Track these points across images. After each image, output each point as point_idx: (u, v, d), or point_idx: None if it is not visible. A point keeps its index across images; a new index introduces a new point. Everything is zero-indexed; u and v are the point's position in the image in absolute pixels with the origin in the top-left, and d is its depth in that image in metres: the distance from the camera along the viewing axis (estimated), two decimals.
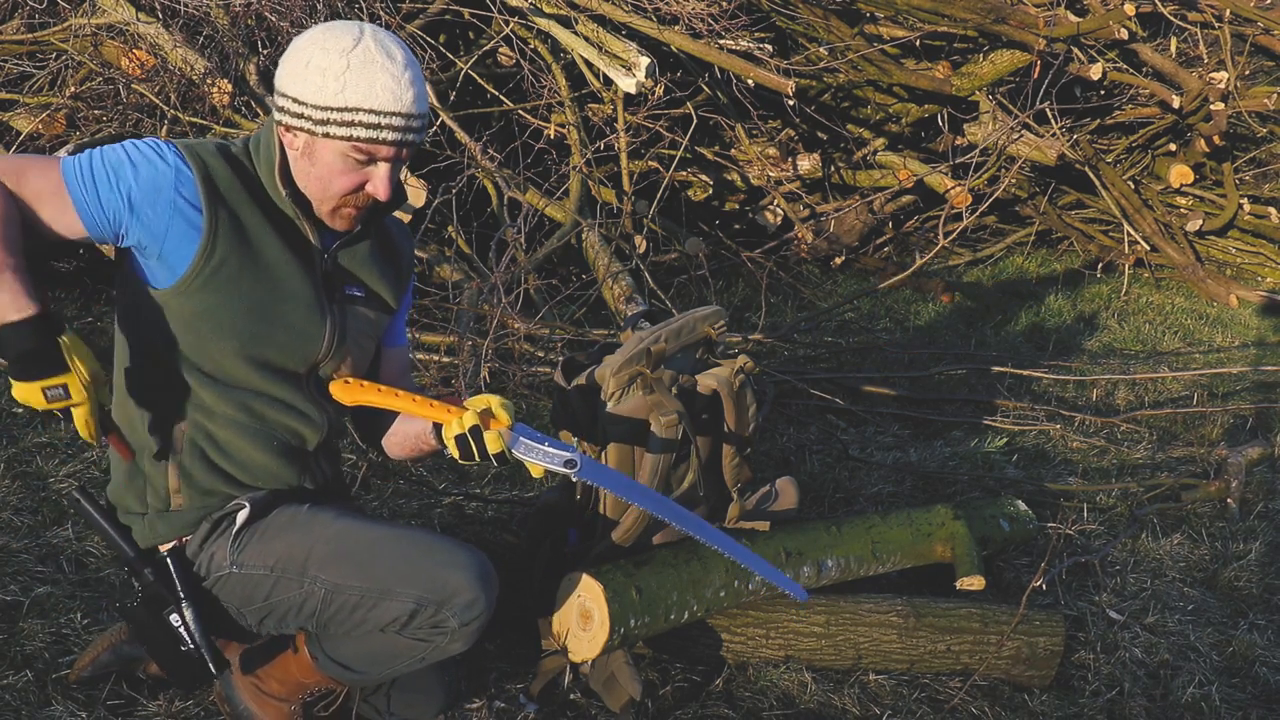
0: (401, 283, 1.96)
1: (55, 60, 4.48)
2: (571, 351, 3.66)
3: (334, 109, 1.64)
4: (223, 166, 1.72)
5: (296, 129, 1.68)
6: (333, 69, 1.63)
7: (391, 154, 1.68)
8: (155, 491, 1.81)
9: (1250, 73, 7.22)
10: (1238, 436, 4.09)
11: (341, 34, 1.65)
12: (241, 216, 1.72)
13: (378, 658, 1.80)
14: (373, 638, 1.77)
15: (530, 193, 4.53)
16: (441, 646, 1.75)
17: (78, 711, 1.98)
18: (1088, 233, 6.96)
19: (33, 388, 1.54)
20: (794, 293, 5.54)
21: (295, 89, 1.66)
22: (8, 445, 2.99)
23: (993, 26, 5.46)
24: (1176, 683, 2.52)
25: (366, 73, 1.62)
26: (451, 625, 1.71)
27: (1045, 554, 2.85)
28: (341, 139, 1.65)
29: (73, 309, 4.10)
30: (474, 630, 1.73)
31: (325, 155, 1.68)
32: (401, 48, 1.68)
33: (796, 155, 6.11)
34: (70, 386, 1.55)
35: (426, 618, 1.71)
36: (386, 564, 1.72)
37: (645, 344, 2.16)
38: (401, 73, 1.65)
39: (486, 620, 1.73)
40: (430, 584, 1.69)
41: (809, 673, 2.35)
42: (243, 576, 1.77)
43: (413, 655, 1.77)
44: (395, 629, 1.73)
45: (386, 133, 1.65)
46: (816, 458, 3.52)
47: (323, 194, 1.73)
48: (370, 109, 1.63)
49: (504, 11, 4.72)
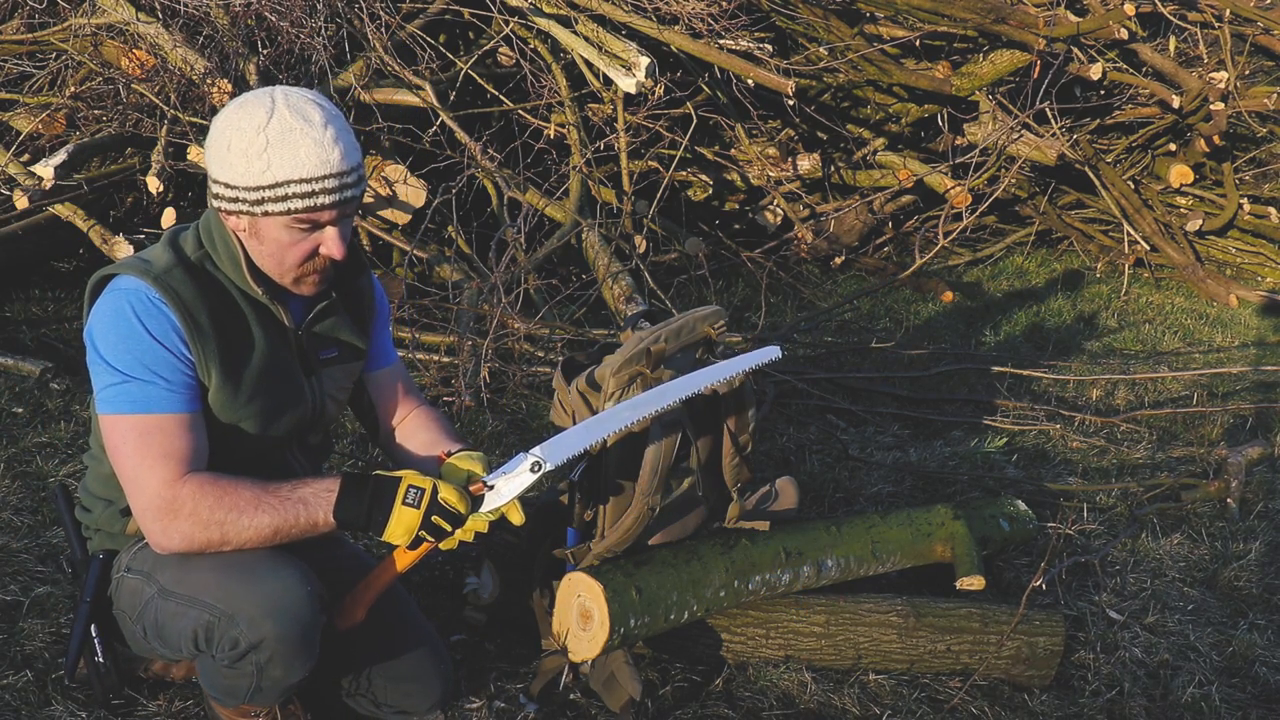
0: (368, 323, 1.98)
1: (55, 60, 4.48)
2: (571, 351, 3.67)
3: (265, 187, 1.63)
4: (190, 287, 1.70)
5: (236, 213, 1.68)
6: (253, 149, 1.62)
7: (334, 216, 1.68)
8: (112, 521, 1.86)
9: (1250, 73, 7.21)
10: (1238, 436, 4.09)
11: (254, 109, 1.64)
12: (222, 333, 1.72)
13: (224, 686, 1.78)
14: (206, 664, 1.75)
15: (530, 193, 4.53)
16: (260, 673, 1.70)
17: (78, 711, 1.98)
18: (1088, 233, 6.96)
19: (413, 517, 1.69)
20: (794, 293, 5.54)
21: (224, 175, 1.66)
22: (8, 445, 2.99)
23: (993, 26, 5.46)
24: (1176, 683, 2.52)
25: (287, 144, 1.62)
26: (242, 645, 1.66)
27: (1045, 554, 2.85)
28: (280, 214, 1.65)
29: (72, 309, 4.10)
30: (275, 655, 1.67)
31: (270, 232, 1.68)
32: (318, 105, 1.66)
33: (796, 155, 6.11)
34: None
35: (221, 634, 1.67)
36: (205, 573, 1.70)
37: (645, 344, 2.16)
38: (322, 134, 1.63)
39: (286, 646, 1.67)
40: (223, 596, 1.67)
41: (809, 673, 2.35)
42: (130, 581, 1.80)
43: (246, 685, 1.73)
44: (205, 647, 1.70)
45: (322, 197, 1.64)
46: (816, 458, 3.52)
47: (280, 268, 1.73)
48: (300, 179, 1.63)
49: (504, 11, 4.72)
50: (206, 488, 1.66)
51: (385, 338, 2.07)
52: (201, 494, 1.65)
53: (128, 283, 1.68)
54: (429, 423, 2.06)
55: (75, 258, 4.60)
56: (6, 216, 4.04)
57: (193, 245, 1.76)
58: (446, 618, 2.37)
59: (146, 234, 4.10)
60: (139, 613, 1.79)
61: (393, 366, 2.09)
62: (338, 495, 1.69)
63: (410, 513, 1.69)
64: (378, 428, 2.10)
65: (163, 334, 1.67)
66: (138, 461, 1.65)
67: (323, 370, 1.89)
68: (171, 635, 1.75)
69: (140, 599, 1.78)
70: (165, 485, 1.65)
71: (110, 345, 1.66)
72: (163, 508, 1.65)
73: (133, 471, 1.66)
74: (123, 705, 2.01)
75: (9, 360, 3.48)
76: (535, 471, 1.79)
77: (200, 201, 4.52)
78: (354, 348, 1.94)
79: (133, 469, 1.66)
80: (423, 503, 1.69)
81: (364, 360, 1.99)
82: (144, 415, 1.65)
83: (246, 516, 1.66)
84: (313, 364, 1.87)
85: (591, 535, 2.19)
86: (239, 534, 1.66)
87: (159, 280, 1.68)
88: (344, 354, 1.93)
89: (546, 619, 2.19)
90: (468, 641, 2.34)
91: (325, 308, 1.85)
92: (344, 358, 1.93)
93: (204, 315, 1.70)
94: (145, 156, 4.26)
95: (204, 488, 1.66)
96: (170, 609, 1.73)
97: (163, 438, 1.65)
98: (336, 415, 1.99)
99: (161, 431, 1.65)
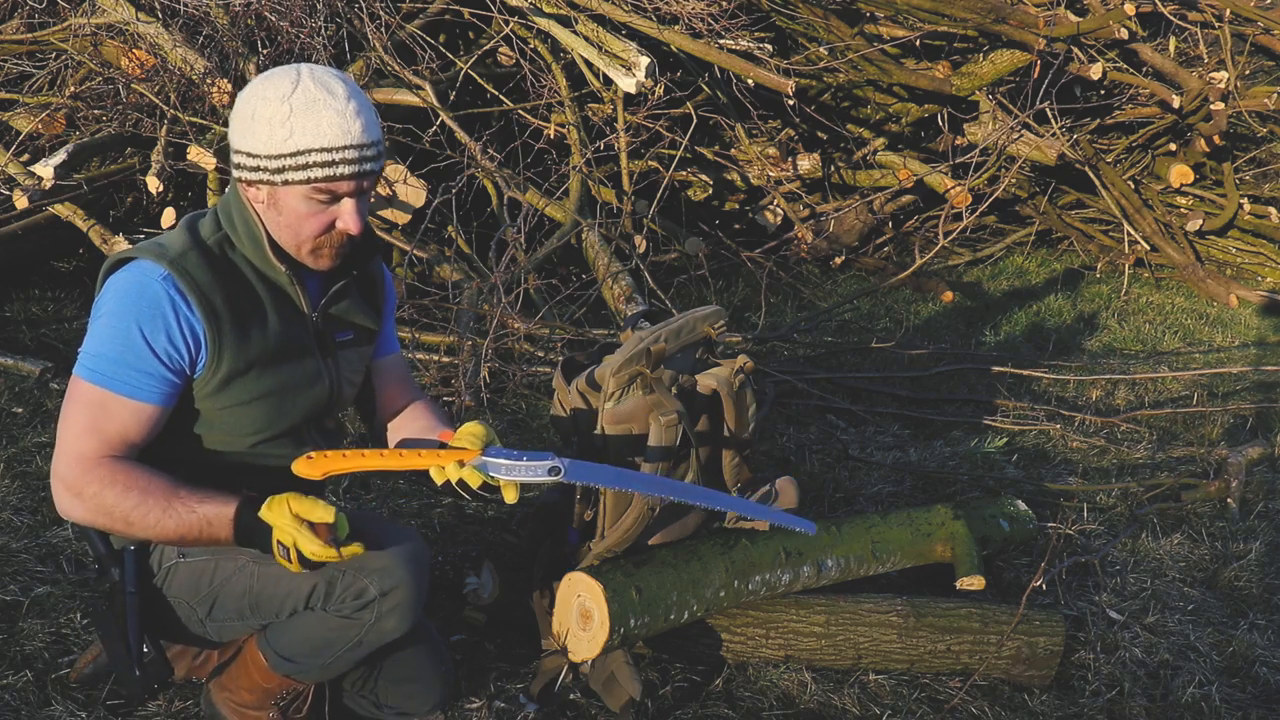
0: (380, 305, 2.01)
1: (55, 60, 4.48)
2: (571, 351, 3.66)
3: (286, 155, 1.65)
4: (205, 271, 1.72)
5: (256, 182, 1.71)
6: (277, 117, 1.65)
7: (352, 188, 1.70)
8: None
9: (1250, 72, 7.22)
10: (1238, 436, 4.09)
11: (280, 81, 1.67)
12: (238, 316, 1.73)
13: (314, 644, 1.80)
14: (305, 621, 1.78)
15: (530, 193, 4.53)
16: (372, 625, 1.75)
17: (78, 711, 1.98)
18: (1088, 233, 6.96)
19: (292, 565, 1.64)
20: (794, 293, 5.54)
21: (247, 144, 1.68)
22: (8, 445, 2.99)
23: (993, 26, 5.46)
24: (1176, 683, 2.52)
25: (311, 113, 1.65)
26: (372, 593, 1.71)
27: (1045, 554, 2.85)
28: (300, 183, 1.67)
29: (72, 309, 4.10)
30: (400, 603, 1.74)
31: (289, 202, 1.70)
32: (342, 80, 1.70)
33: (796, 155, 6.11)
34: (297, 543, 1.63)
35: (346, 585, 1.71)
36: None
37: (645, 344, 2.16)
38: (345, 106, 1.66)
39: (412, 594, 1.74)
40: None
41: (809, 673, 2.35)
42: (189, 565, 1.81)
43: (347, 638, 1.77)
44: (319, 603, 1.74)
45: (342, 167, 1.67)
46: (816, 458, 3.52)
47: (296, 240, 1.75)
48: (321, 148, 1.65)
49: (504, 11, 4.72)
50: (116, 476, 1.66)
51: (391, 325, 2.09)
52: (109, 483, 1.65)
53: (142, 267, 1.70)
54: (425, 413, 2.07)
55: (75, 258, 4.60)
56: (6, 216, 4.04)
57: (210, 228, 1.78)
58: (446, 618, 2.37)
59: (146, 234, 4.10)
60: (210, 591, 1.80)
61: (396, 355, 2.11)
62: (235, 523, 1.67)
63: (284, 563, 1.66)
64: (374, 414, 2.11)
65: (153, 331, 1.67)
66: (71, 426, 1.67)
67: (339, 352, 1.91)
68: (274, 598, 1.77)
69: (213, 577, 1.79)
70: (79, 460, 1.66)
71: (105, 320, 1.68)
72: (70, 482, 1.66)
73: (63, 434, 1.68)
74: (123, 705, 2.01)
75: (9, 360, 3.48)
76: (552, 475, 1.79)
77: (200, 202, 4.52)
78: (368, 330, 1.96)
79: (64, 432, 1.68)
80: (291, 557, 1.64)
81: (375, 344, 2.01)
82: (100, 389, 1.67)
83: (153, 516, 1.66)
84: (329, 346, 1.89)
85: (591, 535, 2.19)
86: (143, 526, 1.67)
87: (174, 264, 1.69)
88: (359, 336, 1.95)
89: (546, 619, 2.19)
90: (468, 641, 2.34)
91: (340, 289, 1.86)
92: (359, 340, 1.95)
93: (219, 298, 1.72)
94: (145, 156, 4.26)
95: (114, 476, 1.66)
96: (276, 572, 1.74)
97: (103, 415, 1.67)
98: (351, 399, 2.00)
99: (105, 409, 1.67)
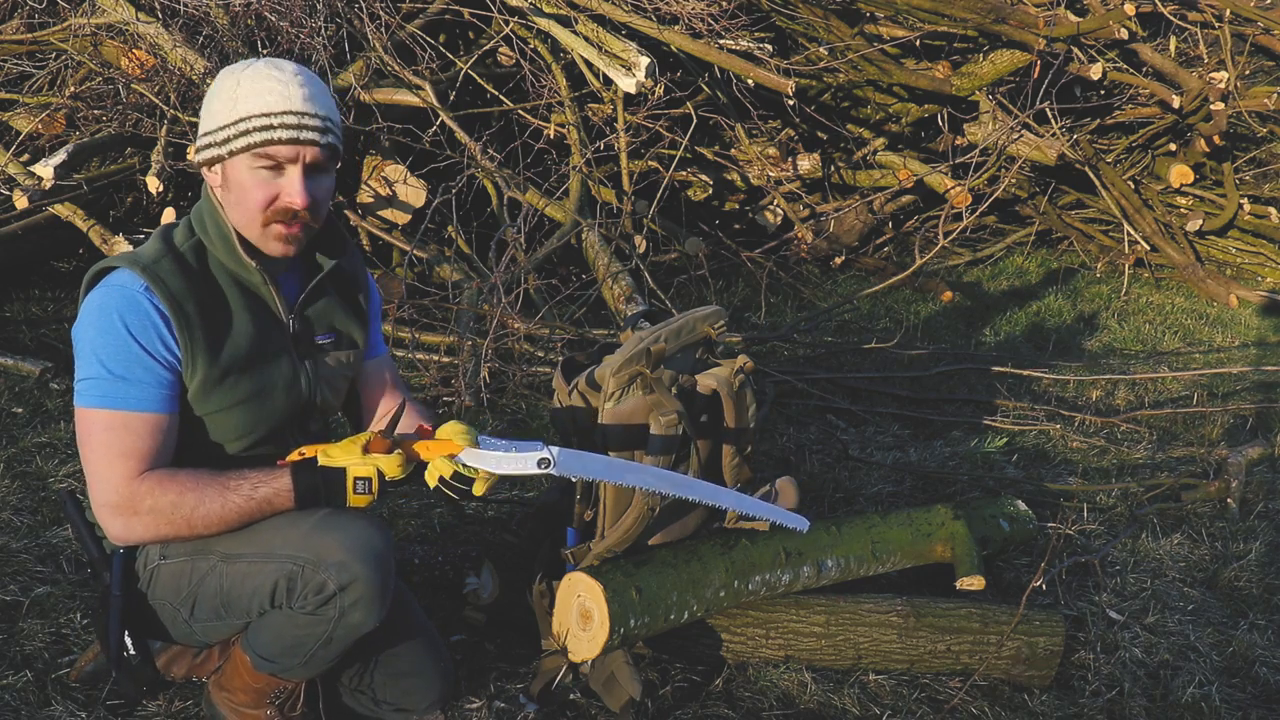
0: (364, 312, 2.02)
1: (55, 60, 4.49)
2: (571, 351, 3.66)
3: (230, 124, 1.72)
4: (177, 277, 1.74)
5: (211, 161, 1.75)
6: (225, 93, 1.73)
7: (293, 154, 1.72)
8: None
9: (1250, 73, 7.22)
10: (1238, 436, 4.09)
11: (235, 66, 1.76)
12: (210, 322, 1.75)
13: (287, 643, 1.80)
14: (276, 620, 1.77)
15: (530, 193, 4.53)
16: (338, 620, 1.74)
17: (78, 711, 1.98)
18: (1088, 233, 6.96)
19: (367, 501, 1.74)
20: (794, 293, 5.54)
21: (203, 125, 1.77)
22: (8, 445, 2.99)
23: (993, 26, 5.46)
24: (1176, 683, 2.52)
25: (255, 84, 1.72)
26: (331, 588, 1.70)
27: (1045, 554, 2.85)
28: (241, 150, 1.71)
29: (72, 309, 4.10)
30: (361, 597, 1.71)
31: (236, 174, 1.74)
32: (296, 66, 1.76)
33: (796, 155, 6.12)
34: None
35: (306, 581, 1.71)
36: (276, 532, 1.74)
37: (645, 344, 2.16)
38: (289, 78, 1.73)
39: (372, 587, 1.71)
40: (305, 546, 1.71)
41: (809, 673, 2.35)
42: (169, 567, 1.81)
43: (317, 634, 1.77)
44: (284, 600, 1.74)
45: (280, 131, 1.70)
46: (816, 458, 3.52)
47: (247, 218, 1.76)
48: (261, 113, 1.70)
49: (504, 11, 4.72)
50: (166, 482, 1.69)
51: (376, 329, 2.10)
52: (161, 489, 1.68)
53: (118, 278, 1.72)
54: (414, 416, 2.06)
55: (75, 258, 4.60)
56: (6, 216, 4.04)
57: (183, 235, 1.81)
58: (446, 618, 2.37)
59: (146, 234, 4.10)
60: (189, 591, 1.80)
61: (381, 358, 2.12)
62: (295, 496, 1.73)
63: (364, 499, 1.73)
64: (360, 416, 2.12)
65: (144, 334, 1.69)
66: (100, 455, 1.69)
67: (319, 355, 1.92)
68: (242, 597, 1.76)
69: (190, 578, 1.80)
70: (125, 481, 1.68)
71: (91, 340, 1.70)
72: (121, 504, 1.68)
73: (95, 465, 1.70)
74: (123, 705, 2.01)
75: (9, 360, 3.48)
76: (541, 467, 1.80)
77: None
78: (349, 336, 1.98)
79: (95, 463, 1.70)
80: (374, 487, 1.72)
81: (362, 351, 2.02)
82: (113, 411, 1.68)
83: (214, 509, 1.70)
84: (307, 348, 1.90)
85: (591, 535, 2.19)
86: (206, 522, 1.70)
87: (147, 270, 1.72)
88: (340, 340, 1.96)
89: (546, 619, 2.19)
90: (468, 641, 2.34)
91: (316, 289, 1.89)
92: (341, 344, 1.97)
93: (191, 303, 1.74)
94: (145, 156, 4.26)
95: (163, 483, 1.69)
96: (241, 570, 1.75)
97: (128, 435, 1.69)
98: (335, 404, 2.01)
99: (127, 429, 1.69)
